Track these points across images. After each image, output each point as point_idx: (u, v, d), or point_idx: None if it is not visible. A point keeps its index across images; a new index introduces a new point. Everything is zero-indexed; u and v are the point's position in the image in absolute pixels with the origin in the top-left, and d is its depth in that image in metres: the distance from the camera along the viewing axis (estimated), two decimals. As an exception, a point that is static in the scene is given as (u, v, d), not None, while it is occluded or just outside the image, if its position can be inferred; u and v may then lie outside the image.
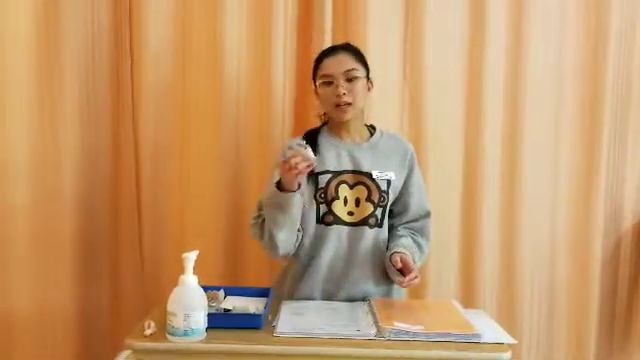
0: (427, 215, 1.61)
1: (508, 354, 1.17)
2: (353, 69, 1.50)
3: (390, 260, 1.45)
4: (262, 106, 1.88)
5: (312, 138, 1.56)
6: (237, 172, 1.90)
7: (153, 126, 1.88)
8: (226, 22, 1.85)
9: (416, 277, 1.38)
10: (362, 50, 1.59)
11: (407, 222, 1.59)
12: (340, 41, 1.68)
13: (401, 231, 1.57)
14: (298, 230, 1.48)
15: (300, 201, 1.42)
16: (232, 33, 1.86)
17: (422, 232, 1.59)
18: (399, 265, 1.40)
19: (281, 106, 1.88)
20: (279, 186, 1.38)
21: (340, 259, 1.51)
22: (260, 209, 1.50)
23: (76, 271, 1.84)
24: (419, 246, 1.55)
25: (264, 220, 1.46)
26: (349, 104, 1.49)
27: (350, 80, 1.49)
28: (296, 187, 1.37)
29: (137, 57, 1.85)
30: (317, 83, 1.55)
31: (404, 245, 1.50)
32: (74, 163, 1.83)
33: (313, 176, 1.50)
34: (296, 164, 1.28)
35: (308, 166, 1.30)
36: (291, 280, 1.56)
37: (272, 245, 1.44)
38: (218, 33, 1.85)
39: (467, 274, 1.98)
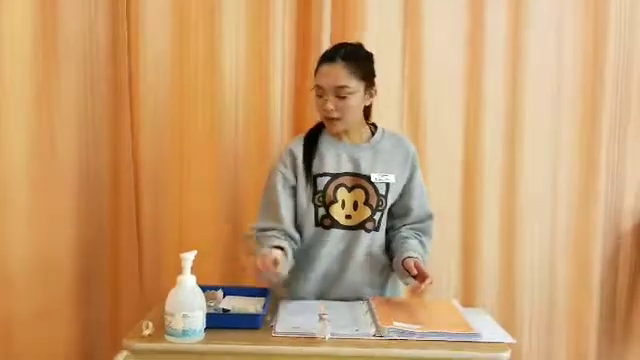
0: (430, 217, 1.58)
1: (507, 353, 1.16)
2: (343, 87, 1.42)
3: (403, 264, 1.42)
4: (261, 109, 1.88)
5: (313, 139, 1.55)
6: (236, 173, 1.91)
7: (152, 129, 1.89)
8: (224, 24, 1.85)
9: (431, 282, 1.35)
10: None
11: (410, 224, 1.57)
12: (338, 41, 1.65)
13: (405, 232, 1.55)
14: (294, 244, 1.49)
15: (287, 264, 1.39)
16: (230, 35, 1.86)
17: (425, 232, 1.57)
18: (414, 272, 1.37)
19: (279, 109, 1.88)
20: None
21: (336, 262, 1.51)
22: (263, 227, 1.49)
23: (75, 272, 1.84)
24: (423, 246, 1.53)
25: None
26: (337, 119, 1.46)
27: (340, 96, 1.43)
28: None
29: (135, 61, 1.85)
30: (313, 90, 1.50)
31: (414, 249, 1.48)
32: (72, 166, 1.83)
33: (312, 178, 1.50)
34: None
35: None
36: (287, 279, 1.55)
37: None
38: (216, 38, 1.85)
39: (467, 273, 1.98)
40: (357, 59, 1.47)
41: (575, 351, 2.02)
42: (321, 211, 1.49)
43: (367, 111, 1.58)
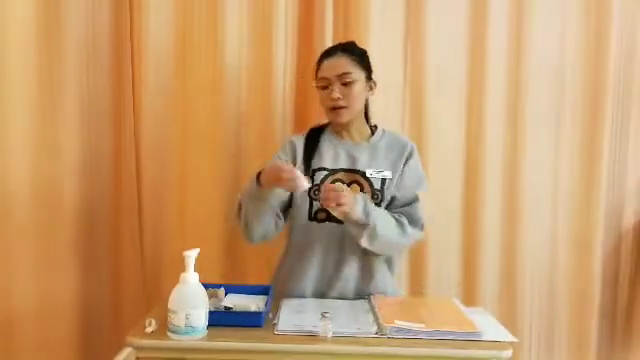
0: (415, 200, 1.52)
1: (509, 352, 1.17)
2: (347, 73, 1.49)
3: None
4: (263, 105, 1.89)
5: (315, 136, 1.58)
6: (237, 171, 1.91)
7: (154, 125, 1.88)
8: (227, 21, 1.85)
9: (334, 192, 1.33)
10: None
11: (396, 207, 1.53)
12: (340, 41, 1.67)
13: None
14: (278, 217, 1.51)
15: (279, 191, 1.44)
16: (233, 32, 1.86)
17: (410, 217, 1.50)
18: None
19: (281, 105, 1.89)
20: (259, 181, 1.39)
21: (331, 257, 1.52)
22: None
23: (77, 269, 1.84)
24: (400, 224, 1.47)
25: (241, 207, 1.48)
26: (344, 107, 1.50)
27: (345, 84, 1.49)
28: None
29: (138, 58, 1.85)
30: (316, 85, 1.55)
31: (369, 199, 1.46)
32: (75, 162, 1.83)
33: (310, 173, 1.52)
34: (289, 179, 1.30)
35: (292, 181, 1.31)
36: (283, 277, 1.57)
37: (248, 234, 1.49)
38: (219, 32, 1.85)
39: (468, 272, 1.98)
40: (355, 51, 1.55)
41: (576, 350, 2.02)
42: (316, 205, 1.51)
43: (366, 111, 1.61)
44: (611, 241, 2.05)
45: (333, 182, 1.51)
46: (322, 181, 1.52)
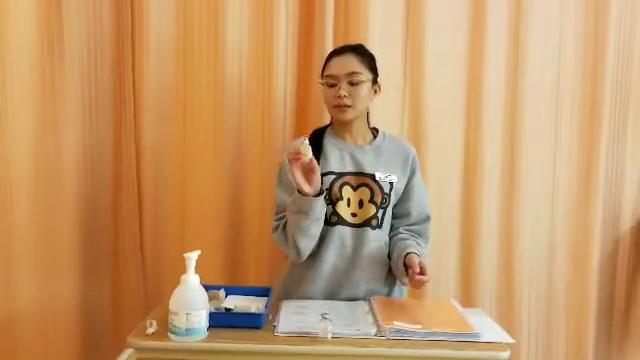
0: (427, 219, 1.61)
1: (506, 353, 1.18)
2: (356, 72, 1.50)
3: (405, 259, 1.44)
4: (263, 106, 1.89)
5: (317, 138, 1.57)
6: (238, 172, 1.91)
7: (154, 126, 1.89)
8: (228, 21, 1.85)
9: (428, 281, 1.36)
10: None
11: (407, 225, 1.59)
12: (340, 43, 1.69)
13: (403, 233, 1.57)
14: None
15: (324, 205, 1.43)
16: (234, 33, 1.86)
17: (421, 235, 1.59)
18: (417, 269, 1.37)
19: (282, 106, 1.88)
20: (301, 191, 1.39)
21: (343, 260, 1.52)
22: (278, 214, 1.52)
23: (78, 271, 1.84)
24: (420, 248, 1.55)
25: (285, 225, 1.47)
26: (349, 106, 1.50)
27: (352, 84, 1.50)
28: (316, 190, 1.38)
29: (139, 57, 1.85)
30: (322, 82, 1.56)
31: (414, 247, 1.50)
32: (76, 162, 1.82)
33: None
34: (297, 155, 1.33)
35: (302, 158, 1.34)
36: (294, 280, 1.57)
37: (296, 252, 1.47)
38: (220, 32, 1.85)
39: (466, 273, 1.99)
40: (364, 52, 1.56)
41: (573, 351, 2.02)
42: (328, 209, 1.51)
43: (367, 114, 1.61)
44: (608, 244, 2.05)
45: (341, 186, 1.51)
46: (331, 185, 1.51)
